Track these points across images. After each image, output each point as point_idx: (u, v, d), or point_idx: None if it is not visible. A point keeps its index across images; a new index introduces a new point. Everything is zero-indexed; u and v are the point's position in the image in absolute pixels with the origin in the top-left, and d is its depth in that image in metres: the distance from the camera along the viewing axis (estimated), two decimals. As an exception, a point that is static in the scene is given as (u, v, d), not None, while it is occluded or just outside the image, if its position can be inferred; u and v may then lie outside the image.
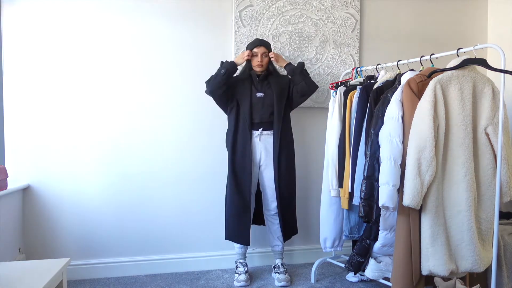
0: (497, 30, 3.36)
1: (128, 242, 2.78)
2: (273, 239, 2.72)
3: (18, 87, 2.60)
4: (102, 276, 2.73)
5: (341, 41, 3.09)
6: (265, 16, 2.94)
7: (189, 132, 2.86)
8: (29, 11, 2.60)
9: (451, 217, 1.89)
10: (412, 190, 1.81)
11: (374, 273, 2.22)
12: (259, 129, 2.62)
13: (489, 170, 1.93)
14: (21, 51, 2.60)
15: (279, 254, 2.74)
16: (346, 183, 2.40)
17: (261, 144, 2.63)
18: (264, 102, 2.63)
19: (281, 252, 2.74)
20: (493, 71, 1.96)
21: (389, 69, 2.49)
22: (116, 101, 2.74)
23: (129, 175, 2.77)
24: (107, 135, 2.73)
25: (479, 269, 1.89)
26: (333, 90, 2.69)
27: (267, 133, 2.63)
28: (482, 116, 1.93)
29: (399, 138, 1.90)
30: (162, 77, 2.81)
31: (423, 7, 3.29)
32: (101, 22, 2.70)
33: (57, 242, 2.67)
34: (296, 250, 3.07)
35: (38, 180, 2.64)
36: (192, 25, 2.84)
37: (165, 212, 2.84)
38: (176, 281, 2.70)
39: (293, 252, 3.06)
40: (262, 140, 2.63)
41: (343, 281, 2.71)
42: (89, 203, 2.71)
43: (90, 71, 2.70)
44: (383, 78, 2.33)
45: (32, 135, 2.63)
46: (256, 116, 2.62)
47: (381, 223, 2.12)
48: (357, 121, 2.33)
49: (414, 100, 1.92)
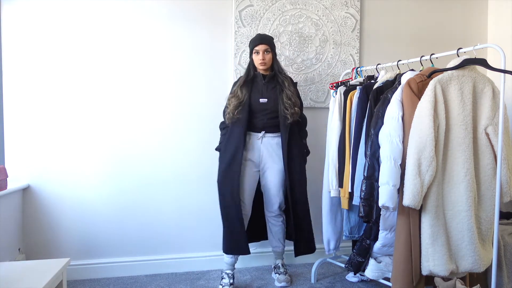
0: (497, 30, 3.36)
1: (128, 242, 2.78)
2: (274, 240, 2.65)
3: (18, 87, 2.60)
4: (102, 276, 2.73)
5: (341, 41, 3.09)
6: (265, 16, 2.94)
7: (189, 132, 2.86)
8: (29, 11, 2.59)
9: (451, 217, 1.89)
10: (412, 190, 1.81)
11: (374, 273, 2.22)
12: (261, 132, 2.50)
13: (489, 170, 1.93)
14: (21, 51, 2.60)
15: (280, 254, 2.70)
16: (346, 183, 2.40)
17: (262, 147, 2.50)
18: (268, 108, 2.47)
19: (282, 253, 2.70)
20: (493, 71, 1.95)
21: (389, 69, 2.49)
22: (116, 101, 2.74)
23: (129, 175, 2.77)
24: (107, 135, 2.73)
25: (479, 269, 1.89)
26: (333, 90, 2.69)
27: (270, 135, 2.51)
28: (482, 116, 1.93)
29: (399, 138, 1.90)
30: (162, 77, 2.81)
31: (423, 7, 3.29)
32: (101, 23, 2.70)
33: (57, 242, 2.67)
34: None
35: (38, 180, 2.64)
36: (192, 25, 2.84)
37: (165, 212, 2.84)
38: (176, 281, 2.70)
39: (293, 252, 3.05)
40: (264, 142, 2.50)
41: (343, 281, 2.71)
42: (89, 203, 2.71)
43: (90, 71, 2.70)
44: (383, 78, 2.33)
45: (32, 135, 2.62)
46: (258, 124, 2.48)
47: (381, 223, 2.12)
48: (357, 121, 2.33)
49: (414, 100, 1.92)
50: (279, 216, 2.61)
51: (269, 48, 2.49)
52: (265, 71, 2.54)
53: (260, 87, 2.51)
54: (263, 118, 2.48)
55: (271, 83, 2.52)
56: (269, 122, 2.48)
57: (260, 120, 2.48)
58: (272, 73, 2.53)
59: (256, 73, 2.54)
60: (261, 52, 2.47)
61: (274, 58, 2.54)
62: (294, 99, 2.47)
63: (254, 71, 2.54)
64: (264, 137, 2.50)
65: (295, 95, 2.50)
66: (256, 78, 2.53)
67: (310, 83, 3.06)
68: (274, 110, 2.47)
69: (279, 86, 2.50)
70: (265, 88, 2.50)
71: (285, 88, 2.48)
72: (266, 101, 2.47)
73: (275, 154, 2.51)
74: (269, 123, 2.49)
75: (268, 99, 2.48)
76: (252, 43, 2.51)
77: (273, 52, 2.52)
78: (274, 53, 2.53)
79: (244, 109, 2.43)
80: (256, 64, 2.51)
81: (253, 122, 2.48)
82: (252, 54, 2.52)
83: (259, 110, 2.47)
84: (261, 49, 2.47)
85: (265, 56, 2.47)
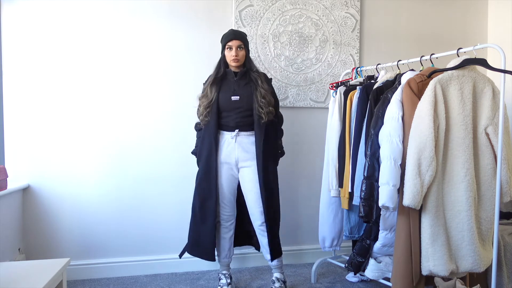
0: (497, 30, 3.36)
1: (128, 242, 2.78)
2: (266, 253, 2.43)
3: (18, 87, 2.60)
4: (102, 276, 2.73)
5: (341, 41, 3.09)
6: (265, 16, 2.94)
7: (189, 132, 2.85)
8: (29, 11, 2.59)
9: (451, 217, 1.89)
10: (412, 190, 1.81)
11: (374, 273, 2.21)
12: (234, 131, 2.37)
13: (489, 170, 1.93)
14: (21, 51, 2.60)
15: (277, 268, 2.48)
16: (346, 183, 2.40)
17: (237, 145, 2.37)
18: (240, 106, 2.35)
19: (278, 266, 2.47)
20: (493, 71, 1.95)
21: (389, 69, 2.49)
22: (116, 101, 2.74)
23: (129, 175, 2.77)
24: (107, 135, 2.73)
25: (479, 269, 1.89)
26: (333, 90, 2.68)
27: (245, 134, 2.38)
28: (482, 116, 1.93)
29: (399, 138, 1.90)
30: (162, 77, 2.81)
31: (423, 7, 3.29)
32: (100, 23, 2.70)
33: (57, 242, 2.67)
34: (296, 250, 3.07)
35: (38, 180, 2.64)
36: (192, 25, 2.84)
37: (165, 212, 2.84)
38: (176, 281, 2.70)
39: (294, 252, 3.05)
40: (238, 141, 2.37)
41: (343, 281, 2.71)
42: (89, 203, 2.71)
43: (90, 71, 2.70)
44: (383, 78, 2.33)
45: (32, 135, 2.62)
46: (230, 123, 2.37)
47: (381, 223, 2.12)
48: (357, 121, 2.33)
49: (414, 100, 1.92)
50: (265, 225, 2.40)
51: (242, 44, 2.36)
52: (237, 69, 2.41)
53: (231, 84, 2.38)
54: (236, 117, 2.36)
55: (243, 80, 2.39)
56: (243, 120, 2.36)
57: (233, 119, 2.36)
58: (244, 69, 2.39)
59: (227, 70, 2.40)
60: (234, 48, 2.33)
61: (247, 56, 2.41)
62: (269, 98, 2.35)
63: (225, 68, 2.41)
64: (238, 136, 2.36)
65: (269, 93, 2.37)
66: (227, 76, 2.40)
67: (310, 83, 3.06)
68: (247, 108, 2.35)
69: (252, 84, 2.37)
70: (237, 85, 2.37)
71: (258, 86, 2.35)
72: (238, 99, 2.34)
73: (251, 153, 2.37)
74: (243, 122, 2.36)
75: (241, 97, 2.35)
76: (225, 39, 2.38)
77: (247, 49, 2.40)
78: (247, 50, 2.40)
79: (213, 110, 2.34)
80: (228, 61, 2.38)
81: (226, 121, 2.37)
82: (224, 50, 2.39)
83: (231, 109, 2.35)
84: (234, 44, 2.33)
85: (238, 52, 2.34)
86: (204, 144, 2.41)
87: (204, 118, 2.37)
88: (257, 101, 2.33)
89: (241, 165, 2.40)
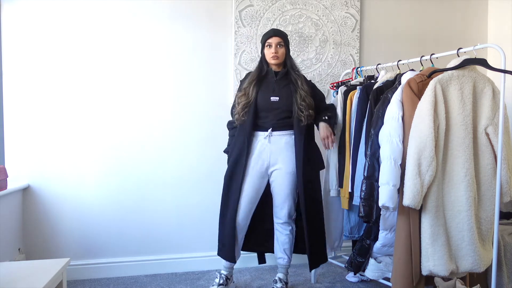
0: (497, 30, 3.36)
1: (128, 242, 2.78)
2: (279, 251, 2.41)
3: (18, 87, 2.60)
4: (102, 276, 2.73)
5: (341, 41, 3.09)
6: (265, 16, 2.94)
7: (189, 132, 2.86)
8: (29, 11, 2.59)
9: (451, 217, 1.89)
10: (412, 190, 1.81)
11: (374, 273, 2.22)
12: (267, 130, 2.32)
13: (489, 170, 1.93)
14: (21, 51, 2.60)
15: (283, 268, 2.44)
16: (346, 183, 2.40)
17: (271, 146, 2.32)
18: (279, 107, 2.31)
19: (286, 266, 2.44)
20: (493, 71, 1.95)
21: (389, 69, 2.49)
22: (116, 101, 2.74)
23: (129, 175, 2.77)
24: (107, 135, 2.73)
25: (479, 269, 1.89)
26: (333, 90, 2.68)
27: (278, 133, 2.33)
28: (482, 116, 1.93)
29: (399, 138, 1.90)
30: (162, 77, 2.81)
31: (423, 7, 3.29)
32: (100, 23, 2.70)
33: (57, 242, 2.67)
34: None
35: (38, 180, 2.64)
36: (192, 25, 2.84)
37: (165, 212, 2.84)
38: (176, 281, 2.70)
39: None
40: (272, 141, 2.32)
41: (343, 281, 2.71)
42: (89, 203, 2.71)
43: (90, 71, 2.69)
44: (383, 78, 2.33)
45: (32, 135, 2.62)
46: (267, 124, 2.32)
47: (381, 223, 2.12)
48: (357, 121, 2.33)
49: (414, 100, 1.92)
50: (287, 225, 2.39)
51: (282, 42, 2.33)
52: (277, 68, 2.38)
53: (271, 84, 2.35)
54: (273, 118, 2.32)
55: (283, 81, 2.35)
56: (279, 122, 2.32)
57: (270, 119, 2.32)
58: (285, 70, 2.35)
59: (268, 69, 2.37)
60: (273, 45, 2.31)
61: (287, 54, 2.38)
62: (309, 100, 2.31)
63: (266, 66, 2.38)
64: (271, 136, 2.32)
65: (309, 95, 2.33)
66: (267, 75, 2.37)
67: (310, 83, 3.05)
68: (286, 109, 2.31)
69: (292, 85, 2.33)
70: (277, 86, 2.34)
71: (298, 88, 2.31)
72: (277, 100, 2.31)
73: (285, 155, 2.33)
74: (279, 123, 2.32)
75: (280, 98, 2.31)
76: (265, 36, 2.36)
77: (287, 47, 2.37)
78: (287, 48, 2.38)
79: (251, 110, 2.30)
80: (267, 58, 2.34)
81: (262, 122, 2.33)
82: (263, 48, 2.37)
83: (269, 109, 2.31)
84: (274, 41, 2.31)
85: (277, 49, 2.31)
86: (236, 144, 2.37)
87: (241, 117, 2.32)
88: (297, 104, 2.29)
89: (274, 168, 2.34)
